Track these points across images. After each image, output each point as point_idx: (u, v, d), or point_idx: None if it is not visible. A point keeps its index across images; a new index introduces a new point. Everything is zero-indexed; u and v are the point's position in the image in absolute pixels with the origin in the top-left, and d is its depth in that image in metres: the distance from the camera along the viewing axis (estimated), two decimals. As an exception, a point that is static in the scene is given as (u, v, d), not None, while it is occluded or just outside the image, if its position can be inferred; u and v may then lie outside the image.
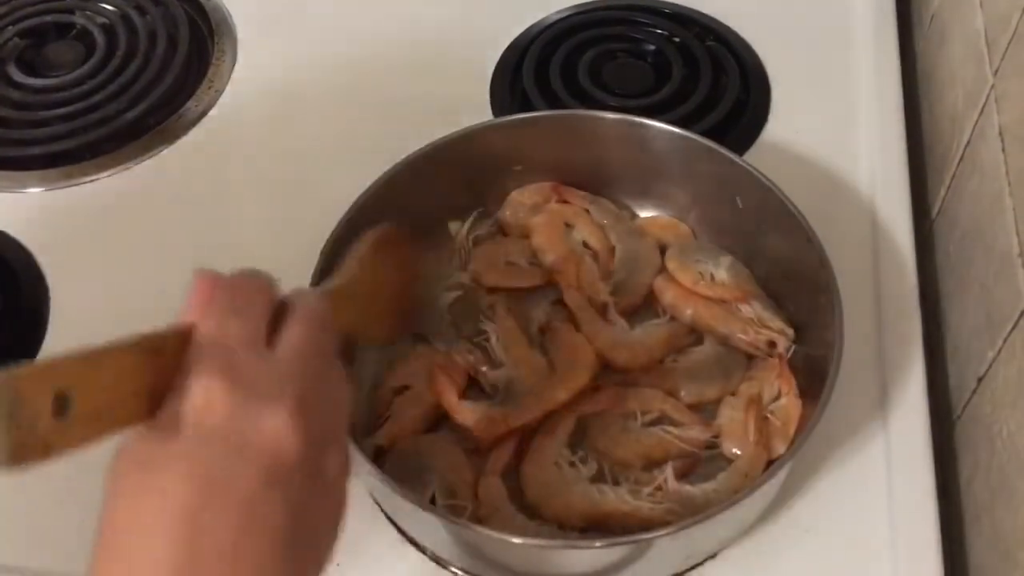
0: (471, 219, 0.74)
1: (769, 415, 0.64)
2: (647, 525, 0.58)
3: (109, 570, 0.38)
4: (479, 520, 0.59)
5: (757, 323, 0.67)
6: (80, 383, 0.37)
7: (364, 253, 0.55)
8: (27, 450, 0.35)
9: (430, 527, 0.59)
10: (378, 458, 0.62)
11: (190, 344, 0.41)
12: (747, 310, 0.68)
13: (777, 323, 0.66)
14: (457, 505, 0.60)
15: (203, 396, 0.39)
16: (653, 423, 0.64)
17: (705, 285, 0.69)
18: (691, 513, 0.56)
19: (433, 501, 0.60)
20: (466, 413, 0.64)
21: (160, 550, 0.37)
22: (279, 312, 0.43)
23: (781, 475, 0.58)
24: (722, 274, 0.69)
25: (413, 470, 0.61)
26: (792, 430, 0.62)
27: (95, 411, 0.38)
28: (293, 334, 0.42)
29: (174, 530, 0.37)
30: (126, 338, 0.39)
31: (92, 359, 0.38)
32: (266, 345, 0.42)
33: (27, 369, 0.36)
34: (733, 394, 0.66)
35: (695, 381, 0.66)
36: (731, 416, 0.64)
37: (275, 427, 0.39)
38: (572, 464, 0.62)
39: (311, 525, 0.41)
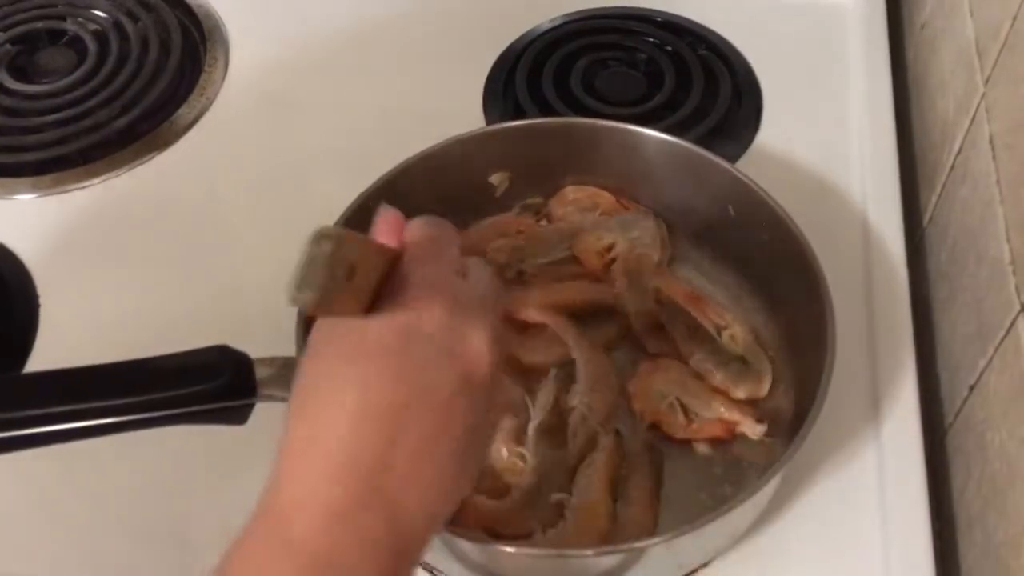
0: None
1: None
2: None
3: (307, 453, 0.42)
4: None
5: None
6: (362, 261, 0.43)
7: None
8: (325, 297, 0.41)
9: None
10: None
11: (403, 260, 0.46)
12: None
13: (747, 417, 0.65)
14: None
15: (426, 305, 0.43)
16: None
17: None
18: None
19: None
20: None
21: (365, 439, 0.41)
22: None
23: (773, 484, 0.58)
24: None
25: None
26: None
27: (359, 289, 0.43)
28: (480, 274, 0.48)
29: (378, 422, 0.41)
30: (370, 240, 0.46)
31: (373, 245, 0.46)
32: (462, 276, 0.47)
33: (349, 233, 0.43)
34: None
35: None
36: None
37: (478, 344, 0.44)
38: None
39: (474, 447, 0.45)
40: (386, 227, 0.48)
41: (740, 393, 0.66)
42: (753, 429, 0.64)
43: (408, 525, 0.42)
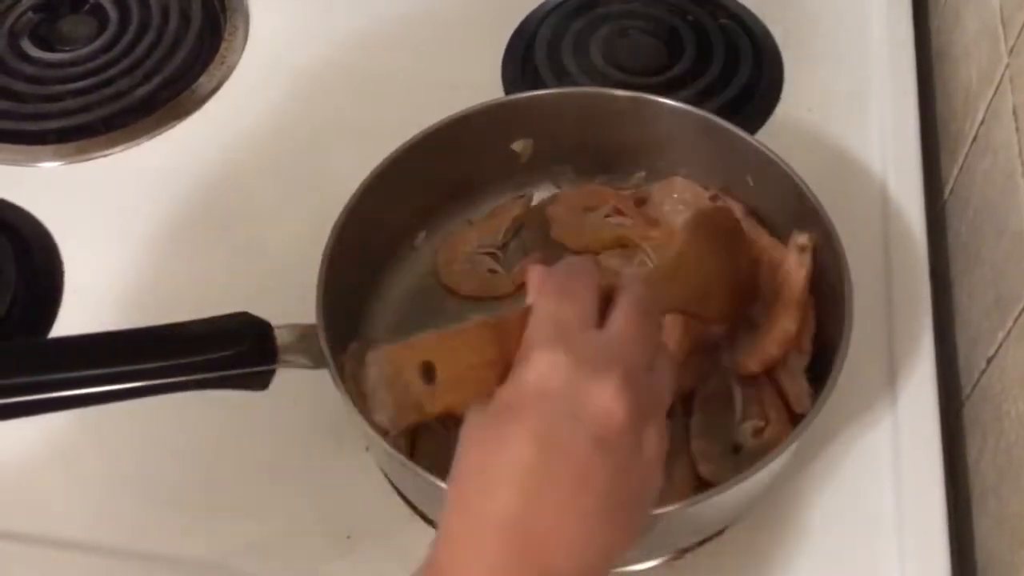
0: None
1: None
2: None
3: (456, 511, 0.44)
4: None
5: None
6: (439, 355, 0.45)
7: (688, 233, 0.61)
8: (406, 411, 0.45)
9: (439, 500, 0.59)
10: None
11: (531, 316, 0.46)
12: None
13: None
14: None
15: (545, 364, 0.44)
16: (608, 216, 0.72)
17: None
18: None
19: None
20: None
21: (503, 497, 0.42)
22: (606, 297, 0.48)
23: (789, 452, 0.58)
24: None
25: None
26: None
27: (456, 378, 0.46)
28: (619, 318, 0.47)
29: (517, 481, 0.42)
30: (474, 319, 0.48)
31: (446, 336, 0.47)
32: (597, 326, 0.47)
33: (395, 345, 0.46)
34: None
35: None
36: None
37: (606, 397, 0.43)
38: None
39: (629, 495, 0.44)
40: (531, 286, 0.49)
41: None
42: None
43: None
